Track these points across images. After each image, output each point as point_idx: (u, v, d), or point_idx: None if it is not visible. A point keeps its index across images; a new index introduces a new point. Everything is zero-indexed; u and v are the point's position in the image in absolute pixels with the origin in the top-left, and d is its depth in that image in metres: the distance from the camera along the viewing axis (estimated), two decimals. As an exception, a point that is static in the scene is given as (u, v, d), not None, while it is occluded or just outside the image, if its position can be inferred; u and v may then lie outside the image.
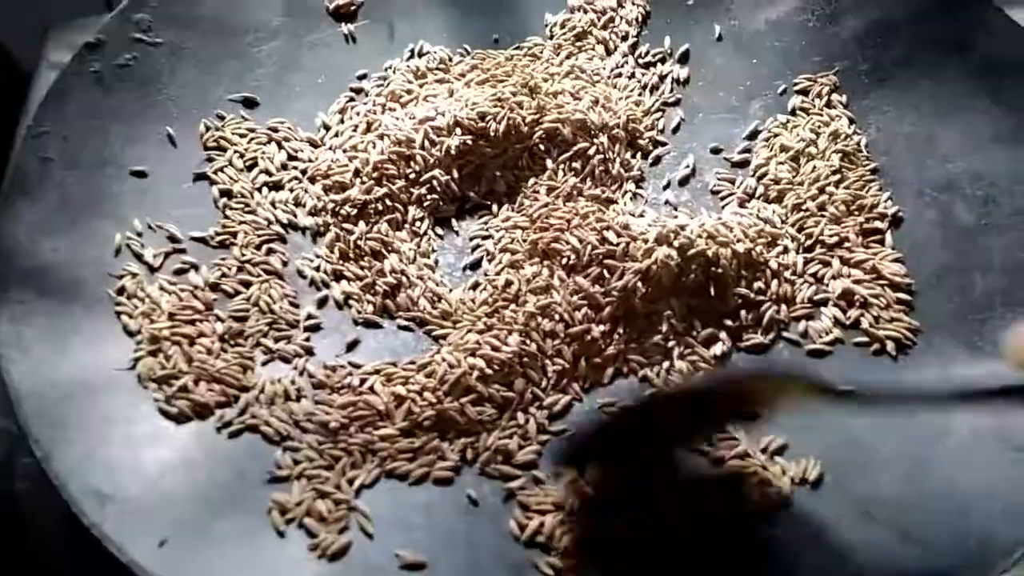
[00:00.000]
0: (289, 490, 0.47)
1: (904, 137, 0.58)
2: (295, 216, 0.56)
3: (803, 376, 0.44)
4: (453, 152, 0.56)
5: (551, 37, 0.64)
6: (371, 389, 0.49)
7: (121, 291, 0.52)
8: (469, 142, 0.57)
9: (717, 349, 0.51)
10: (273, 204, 0.57)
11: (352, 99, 0.61)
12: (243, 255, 0.55)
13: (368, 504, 0.47)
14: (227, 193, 0.57)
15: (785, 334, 0.52)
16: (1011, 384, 0.37)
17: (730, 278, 0.52)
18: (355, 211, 0.55)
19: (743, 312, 0.52)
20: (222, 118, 0.59)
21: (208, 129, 0.58)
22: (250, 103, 0.60)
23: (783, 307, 0.52)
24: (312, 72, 0.62)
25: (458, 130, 0.57)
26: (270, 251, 0.55)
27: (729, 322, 0.52)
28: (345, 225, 0.55)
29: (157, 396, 0.49)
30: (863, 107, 0.60)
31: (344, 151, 0.57)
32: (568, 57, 0.63)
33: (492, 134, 0.57)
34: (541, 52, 0.63)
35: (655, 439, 0.46)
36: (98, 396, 0.48)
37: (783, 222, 0.55)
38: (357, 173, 0.56)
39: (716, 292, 0.52)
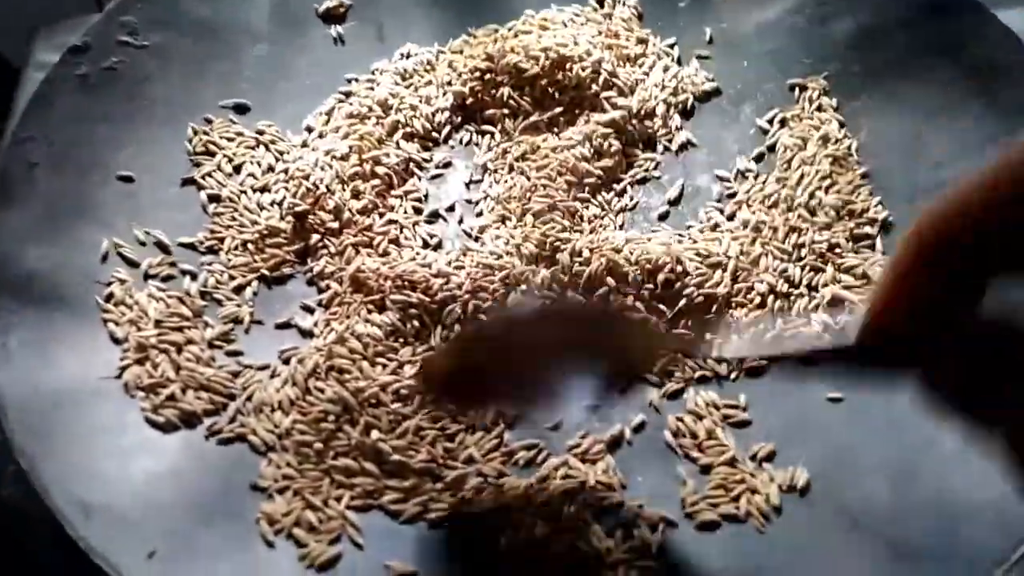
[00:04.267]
0: (277, 500, 0.47)
1: (895, 141, 0.57)
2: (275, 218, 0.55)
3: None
4: None
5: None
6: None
7: (109, 298, 0.52)
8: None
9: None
10: (260, 207, 0.56)
11: (341, 101, 0.60)
12: (230, 260, 0.54)
13: (357, 514, 0.47)
14: (215, 198, 0.56)
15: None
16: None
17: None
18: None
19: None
20: (210, 122, 0.58)
21: (196, 133, 0.58)
22: (239, 107, 0.60)
23: (778, 320, 0.52)
24: (301, 75, 0.61)
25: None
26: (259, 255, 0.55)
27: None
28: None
29: (144, 405, 0.49)
30: (854, 110, 0.59)
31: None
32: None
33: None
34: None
35: None
36: (84, 406, 0.48)
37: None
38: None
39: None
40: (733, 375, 0.50)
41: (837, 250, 0.55)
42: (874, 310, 0.29)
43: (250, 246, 0.55)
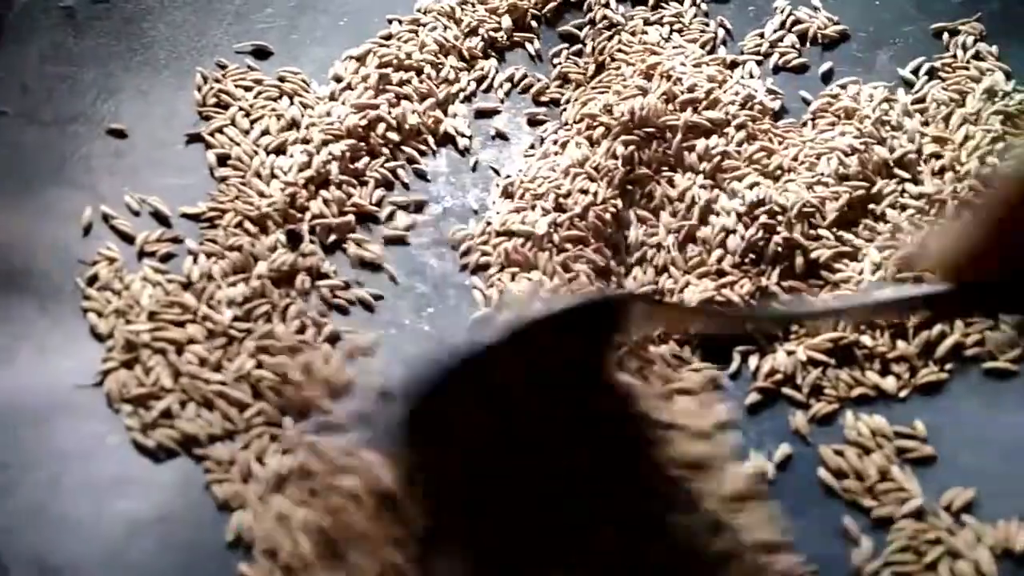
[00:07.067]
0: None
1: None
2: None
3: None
4: None
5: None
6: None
7: (93, 281, 0.46)
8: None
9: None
10: (274, 173, 0.50)
11: (380, 46, 0.54)
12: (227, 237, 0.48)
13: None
14: (226, 159, 0.51)
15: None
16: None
17: None
18: None
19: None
20: (223, 67, 0.53)
21: (206, 80, 0.53)
22: (258, 51, 0.54)
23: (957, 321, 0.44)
24: (333, 13, 0.56)
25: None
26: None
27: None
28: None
29: (130, 423, 0.42)
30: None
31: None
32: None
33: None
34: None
35: None
36: (50, 424, 0.42)
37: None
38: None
39: None
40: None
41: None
42: (971, 252, 0.32)
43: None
